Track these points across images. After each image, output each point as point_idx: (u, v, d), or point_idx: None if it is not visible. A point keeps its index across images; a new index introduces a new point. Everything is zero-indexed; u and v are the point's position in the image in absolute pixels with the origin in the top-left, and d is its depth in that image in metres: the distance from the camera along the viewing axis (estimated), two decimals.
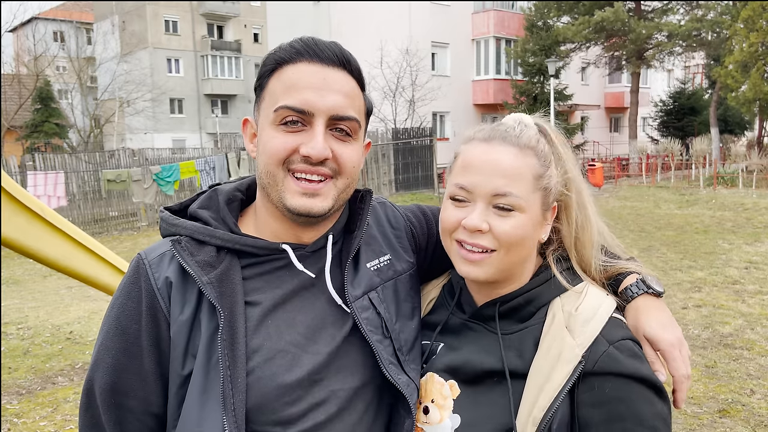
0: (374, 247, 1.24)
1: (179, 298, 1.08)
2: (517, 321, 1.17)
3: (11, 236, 3.04)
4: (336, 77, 1.09)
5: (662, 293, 1.20)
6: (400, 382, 1.13)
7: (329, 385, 1.10)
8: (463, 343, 1.20)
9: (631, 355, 1.08)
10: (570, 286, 1.17)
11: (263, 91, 1.12)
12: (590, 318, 1.11)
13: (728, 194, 17.63)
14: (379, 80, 24.24)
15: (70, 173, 16.23)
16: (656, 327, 1.13)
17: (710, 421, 4.29)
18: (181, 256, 1.08)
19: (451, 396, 1.16)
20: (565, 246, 1.23)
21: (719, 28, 24.50)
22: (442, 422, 1.15)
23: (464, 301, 1.25)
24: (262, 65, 1.13)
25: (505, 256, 1.13)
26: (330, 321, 1.13)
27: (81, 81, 32.89)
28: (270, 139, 1.08)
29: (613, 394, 1.05)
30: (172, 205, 1.22)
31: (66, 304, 8.57)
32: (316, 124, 1.06)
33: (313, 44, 1.09)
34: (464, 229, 1.13)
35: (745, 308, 6.95)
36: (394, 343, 1.16)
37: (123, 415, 1.11)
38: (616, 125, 36.56)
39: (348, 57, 1.11)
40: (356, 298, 1.14)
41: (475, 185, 1.13)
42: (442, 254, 1.32)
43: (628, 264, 1.24)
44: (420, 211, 1.38)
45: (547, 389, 1.06)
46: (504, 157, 1.13)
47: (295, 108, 1.05)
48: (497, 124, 1.21)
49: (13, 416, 4.77)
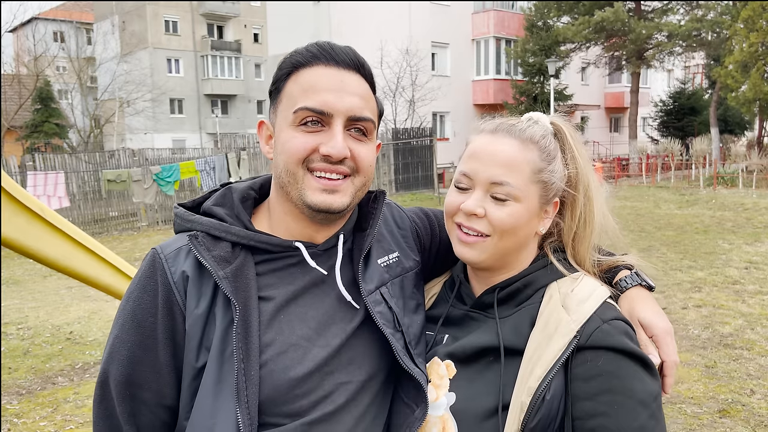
0: (384, 245, 1.29)
1: (195, 291, 1.11)
2: (515, 305, 1.22)
3: (11, 236, 3.04)
4: (352, 80, 1.13)
5: (654, 288, 1.25)
6: (416, 373, 1.17)
7: (339, 378, 1.13)
8: (465, 332, 1.24)
9: (623, 333, 1.11)
10: (567, 272, 1.22)
11: (280, 94, 1.15)
12: (586, 298, 1.15)
13: (728, 194, 17.64)
14: (379, 80, 24.15)
15: (70, 173, 16.22)
16: (651, 314, 1.19)
17: (710, 421, 4.29)
18: (198, 250, 1.11)
19: (448, 375, 1.21)
20: (563, 240, 1.28)
21: (719, 28, 24.51)
22: (438, 400, 1.19)
23: (464, 293, 1.30)
24: (279, 69, 1.16)
25: (499, 241, 1.19)
26: (339, 316, 1.17)
27: (81, 81, 32.88)
28: (290, 139, 1.11)
29: (605, 368, 1.08)
30: (185, 201, 1.25)
31: (66, 304, 8.57)
32: (335, 125, 1.10)
33: (330, 48, 1.13)
34: (462, 213, 1.20)
35: (745, 308, 6.95)
36: (405, 336, 1.21)
37: (137, 407, 1.13)
38: (616, 125, 36.57)
39: (362, 61, 1.16)
40: (369, 293, 1.18)
41: (476, 172, 1.20)
42: (445, 255, 1.38)
43: (622, 258, 1.29)
44: (423, 214, 1.44)
45: (542, 362, 1.10)
46: (504, 149, 1.20)
47: (314, 109, 1.09)
48: (507, 118, 1.28)
49: (13, 416, 4.77)
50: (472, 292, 1.28)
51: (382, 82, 24.23)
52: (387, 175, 20.89)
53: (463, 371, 1.20)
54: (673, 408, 4.50)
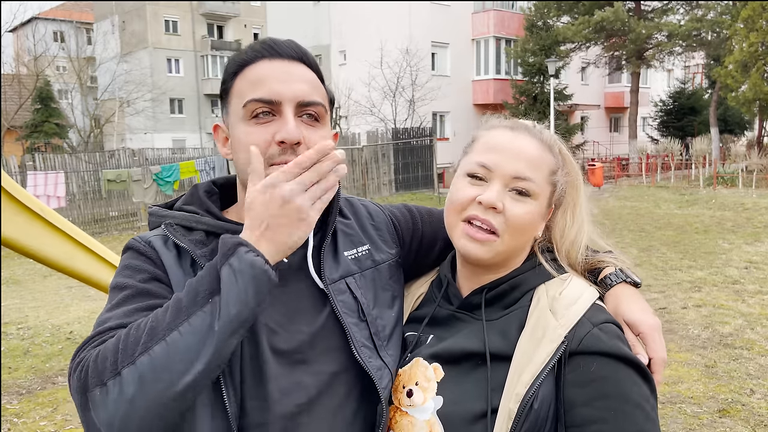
0: (353, 238, 1.29)
1: (177, 271, 1.12)
2: (503, 307, 1.21)
3: (11, 236, 3.04)
4: (297, 69, 1.15)
5: (639, 284, 1.24)
6: (371, 365, 1.15)
7: (312, 368, 1.13)
8: (451, 333, 1.23)
9: (615, 337, 1.11)
10: (555, 273, 1.22)
11: (229, 94, 1.17)
12: (573, 302, 1.14)
13: (728, 194, 17.64)
14: (379, 80, 24.26)
15: (70, 173, 16.23)
16: (637, 311, 1.17)
17: (710, 421, 4.29)
18: (175, 235, 1.14)
19: (435, 378, 1.19)
20: (555, 241, 1.27)
21: (719, 28, 24.51)
22: (425, 404, 1.17)
23: (451, 293, 1.28)
24: (225, 70, 1.19)
25: (509, 240, 1.17)
26: (310, 303, 1.17)
27: (81, 81, 32.90)
28: (245, 135, 1.12)
29: (599, 373, 1.07)
30: (158, 203, 1.28)
31: (66, 304, 8.58)
32: (286, 111, 1.11)
33: (272, 43, 1.16)
34: (479, 205, 1.16)
35: (745, 308, 6.95)
36: (371, 327, 1.20)
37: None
38: (616, 125, 36.56)
39: (305, 51, 1.18)
40: (333, 281, 1.19)
41: (497, 164, 1.17)
42: (429, 249, 1.39)
43: (606, 257, 1.29)
44: (405, 209, 1.44)
45: (530, 367, 1.08)
46: (529, 145, 1.20)
47: (263, 99, 1.11)
48: (515, 120, 1.29)
49: (13, 416, 4.78)
50: (459, 292, 1.27)
51: (382, 82, 24.25)
52: (387, 175, 20.90)
53: (450, 374, 1.18)
54: (673, 408, 4.50)
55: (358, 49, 27.32)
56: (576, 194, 1.27)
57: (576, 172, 1.28)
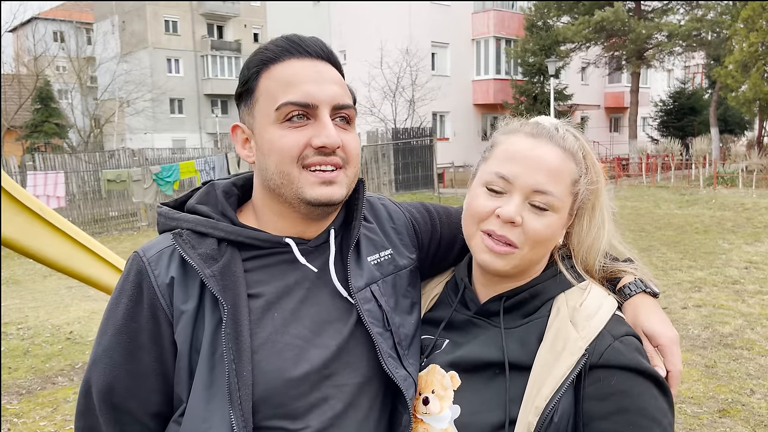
0: (375, 242, 1.24)
1: (181, 293, 1.07)
2: (522, 316, 1.18)
3: (11, 236, 3.04)
4: (327, 69, 1.11)
5: (658, 294, 1.22)
6: (398, 376, 1.12)
7: (336, 380, 1.09)
8: (467, 339, 1.20)
9: (635, 350, 1.09)
10: (575, 282, 1.19)
11: (254, 94, 1.11)
12: (594, 313, 1.12)
13: (728, 194, 17.63)
14: (379, 80, 24.24)
15: (70, 173, 16.22)
16: (656, 323, 1.16)
17: (710, 421, 4.29)
18: (183, 249, 1.07)
19: (452, 387, 1.17)
20: (572, 247, 1.24)
21: (719, 28, 24.50)
22: (441, 413, 1.15)
23: (468, 298, 1.25)
24: (246, 68, 1.12)
25: (528, 253, 1.14)
26: (335, 315, 1.13)
27: (81, 81, 32.90)
28: (279, 138, 1.07)
29: (618, 387, 1.06)
30: (168, 201, 1.21)
31: (66, 304, 8.57)
32: (322, 115, 1.07)
33: (299, 40, 1.10)
34: (497, 219, 1.13)
35: (745, 308, 6.94)
36: (394, 336, 1.16)
37: (122, 417, 1.10)
38: (616, 125, 36.56)
39: (331, 50, 1.13)
40: (359, 290, 1.14)
41: (517, 176, 1.13)
42: (446, 252, 1.34)
43: (626, 264, 1.27)
44: (424, 209, 1.38)
45: (550, 380, 1.07)
46: (550, 156, 1.14)
47: (299, 102, 1.06)
48: (537, 123, 1.22)
49: (13, 416, 4.77)
50: (477, 297, 1.23)
51: (382, 82, 24.23)
52: (387, 175, 20.88)
53: (467, 383, 1.16)
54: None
55: (358, 49, 27.31)
56: (596, 199, 1.22)
57: (599, 178, 1.22)
